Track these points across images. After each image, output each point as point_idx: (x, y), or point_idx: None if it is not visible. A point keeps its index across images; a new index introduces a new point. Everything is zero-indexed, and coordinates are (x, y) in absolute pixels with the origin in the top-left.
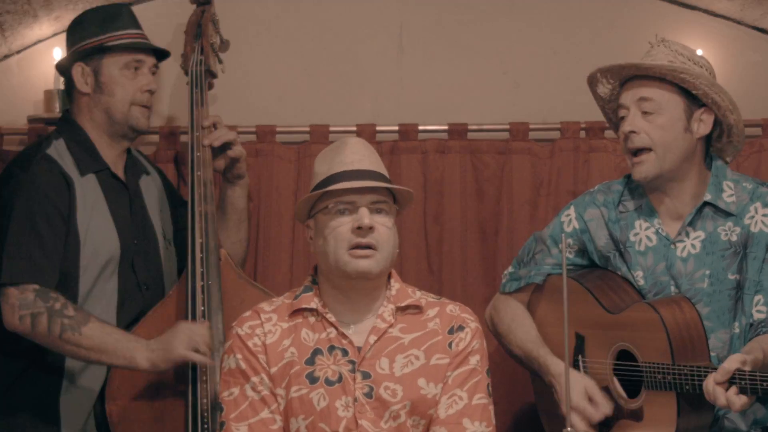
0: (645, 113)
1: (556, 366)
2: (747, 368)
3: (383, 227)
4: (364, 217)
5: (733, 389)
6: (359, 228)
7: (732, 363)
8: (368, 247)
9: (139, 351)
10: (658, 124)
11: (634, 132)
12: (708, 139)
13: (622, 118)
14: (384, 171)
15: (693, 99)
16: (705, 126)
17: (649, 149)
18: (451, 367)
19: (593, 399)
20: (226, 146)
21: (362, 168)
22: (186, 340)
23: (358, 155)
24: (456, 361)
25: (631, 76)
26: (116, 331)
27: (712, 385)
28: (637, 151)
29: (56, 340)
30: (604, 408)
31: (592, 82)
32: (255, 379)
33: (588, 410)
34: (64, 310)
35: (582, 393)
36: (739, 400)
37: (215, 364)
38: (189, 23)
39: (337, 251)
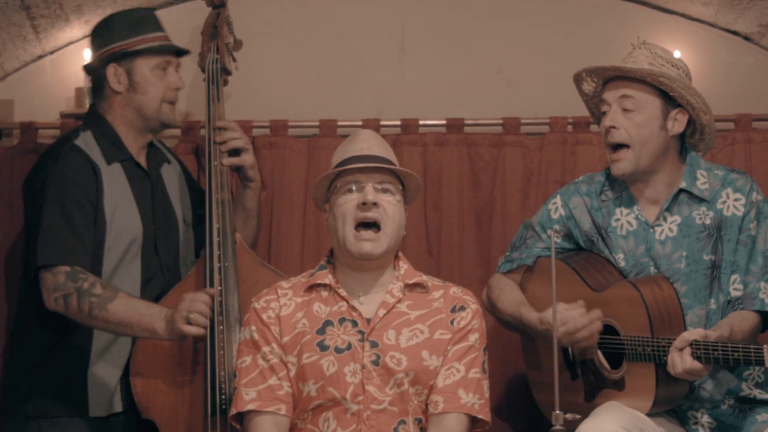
0: (625, 110)
1: (534, 316)
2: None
3: (388, 204)
4: (368, 193)
5: (688, 355)
6: (364, 204)
7: (692, 334)
8: (373, 223)
9: (158, 322)
10: (636, 122)
11: (614, 127)
12: (682, 136)
13: (604, 113)
14: (391, 157)
15: (669, 99)
16: (679, 125)
17: (627, 146)
18: (451, 342)
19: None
20: (236, 152)
21: (370, 154)
22: (184, 313)
23: (367, 143)
24: (456, 337)
25: (613, 76)
26: (140, 305)
27: (674, 351)
28: (615, 147)
29: (87, 318)
30: (579, 308)
31: (578, 80)
32: (266, 348)
33: (571, 324)
34: (92, 289)
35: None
36: (690, 362)
37: (203, 333)
38: (205, 25)
39: (345, 228)
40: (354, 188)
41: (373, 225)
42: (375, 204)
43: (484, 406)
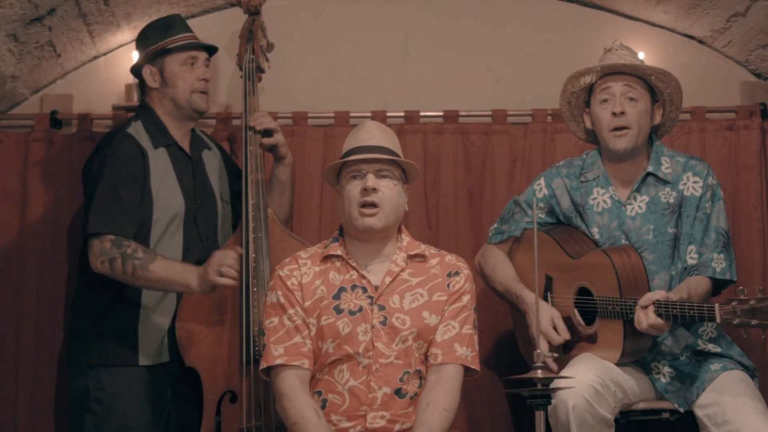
0: (631, 99)
1: (528, 296)
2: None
3: (386, 188)
4: (368, 180)
5: (652, 312)
6: (365, 189)
7: (654, 294)
8: (373, 204)
9: (191, 278)
10: (638, 109)
11: (623, 113)
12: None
13: (605, 100)
14: (392, 146)
15: (654, 96)
16: (658, 116)
17: (628, 128)
18: (447, 303)
19: (557, 327)
20: (268, 133)
21: (372, 144)
22: (216, 267)
23: (370, 134)
24: (452, 298)
25: (609, 72)
26: (176, 264)
27: (638, 309)
28: (618, 129)
29: (130, 277)
30: (564, 335)
31: (578, 76)
32: (291, 311)
33: (551, 334)
34: (135, 254)
35: (548, 320)
36: (653, 318)
37: (237, 284)
38: (243, 29)
39: (350, 209)
40: (357, 176)
41: (374, 206)
42: (375, 189)
43: (475, 357)
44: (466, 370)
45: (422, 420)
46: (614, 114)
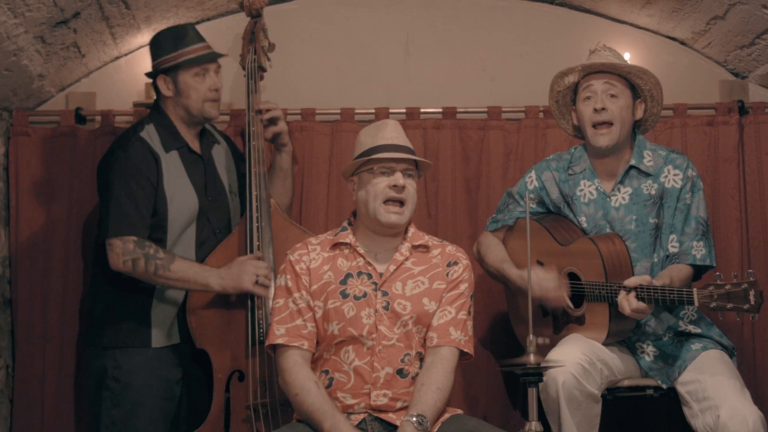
0: (612, 96)
1: (514, 272)
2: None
3: (411, 187)
4: (399, 178)
5: (633, 297)
6: (395, 186)
7: (638, 279)
8: (400, 201)
9: (212, 279)
10: (619, 105)
11: (604, 108)
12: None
13: (588, 98)
14: (410, 145)
15: (635, 91)
16: (640, 112)
17: (611, 123)
18: (446, 290)
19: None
20: (273, 121)
21: (399, 143)
22: (252, 275)
23: (395, 133)
24: (450, 286)
25: (591, 71)
26: (195, 265)
27: (622, 293)
28: (599, 124)
29: (152, 276)
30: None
31: (562, 75)
32: (296, 294)
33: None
34: (156, 254)
35: (546, 277)
36: (635, 303)
37: (270, 295)
38: (245, 31)
39: (375, 202)
40: (386, 172)
41: (401, 203)
42: (404, 187)
43: (468, 342)
44: (461, 353)
45: (417, 399)
46: (596, 110)
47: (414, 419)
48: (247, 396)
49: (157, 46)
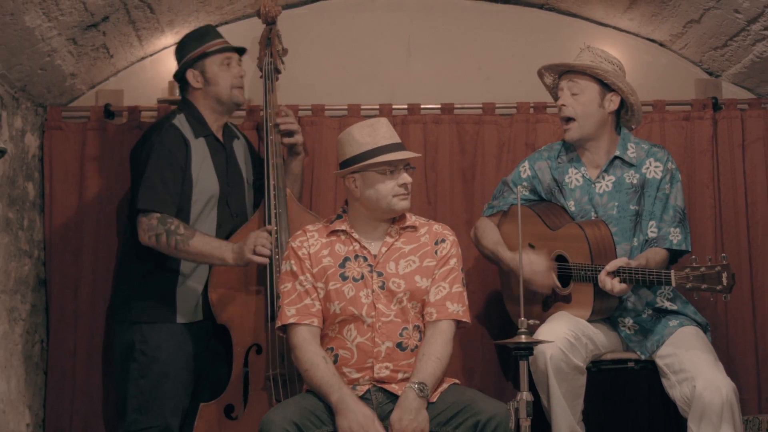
0: (573, 94)
1: (507, 255)
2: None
3: (411, 178)
4: (407, 178)
5: (616, 279)
6: (404, 184)
7: (618, 261)
8: (406, 192)
9: (227, 252)
10: (580, 102)
11: (564, 105)
12: (618, 114)
13: (558, 97)
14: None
15: (606, 86)
16: (613, 104)
17: (573, 119)
18: (437, 267)
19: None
20: (289, 134)
21: (396, 142)
22: (251, 246)
23: (390, 132)
24: (440, 263)
25: (565, 70)
26: (213, 240)
27: (603, 275)
28: (566, 120)
29: (173, 250)
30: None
31: (541, 75)
32: (302, 277)
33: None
34: (177, 230)
35: (534, 260)
36: (617, 285)
37: (267, 262)
38: (261, 37)
39: (386, 197)
40: (393, 170)
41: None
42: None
43: (466, 311)
44: (458, 322)
45: (418, 368)
46: (559, 107)
47: (416, 386)
48: (266, 367)
49: (183, 46)
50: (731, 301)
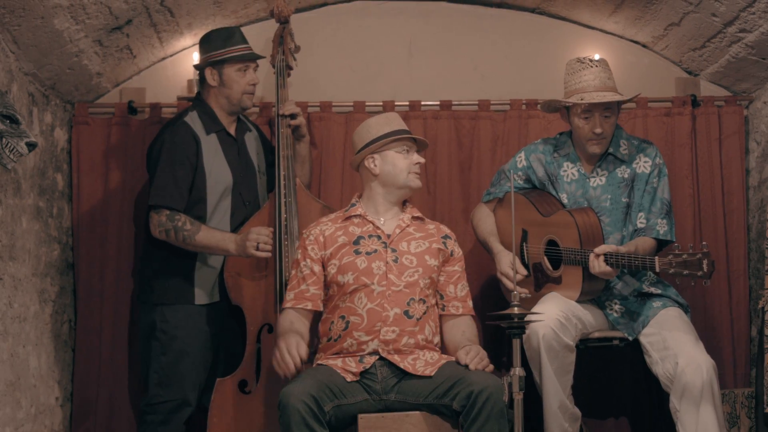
0: (606, 117)
1: (497, 248)
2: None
3: (423, 160)
4: (420, 158)
5: (602, 261)
6: (418, 163)
7: (607, 247)
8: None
9: (229, 244)
10: (610, 123)
11: (602, 131)
12: None
13: (587, 118)
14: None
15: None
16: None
17: (604, 137)
18: (449, 264)
19: (516, 267)
20: (293, 116)
21: (407, 128)
22: (253, 242)
23: (402, 123)
24: (452, 261)
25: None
26: (216, 233)
27: (592, 257)
28: (598, 135)
29: (182, 244)
30: (521, 271)
31: (571, 93)
32: (302, 264)
33: (510, 274)
34: (184, 226)
35: (509, 264)
36: (604, 267)
37: (268, 256)
38: (275, 35)
39: (403, 172)
40: (409, 150)
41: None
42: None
43: (471, 306)
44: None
45: (462, 339)
46: (594, 132)
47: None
48: None
49: (208, 42)
50: (709, 286)
